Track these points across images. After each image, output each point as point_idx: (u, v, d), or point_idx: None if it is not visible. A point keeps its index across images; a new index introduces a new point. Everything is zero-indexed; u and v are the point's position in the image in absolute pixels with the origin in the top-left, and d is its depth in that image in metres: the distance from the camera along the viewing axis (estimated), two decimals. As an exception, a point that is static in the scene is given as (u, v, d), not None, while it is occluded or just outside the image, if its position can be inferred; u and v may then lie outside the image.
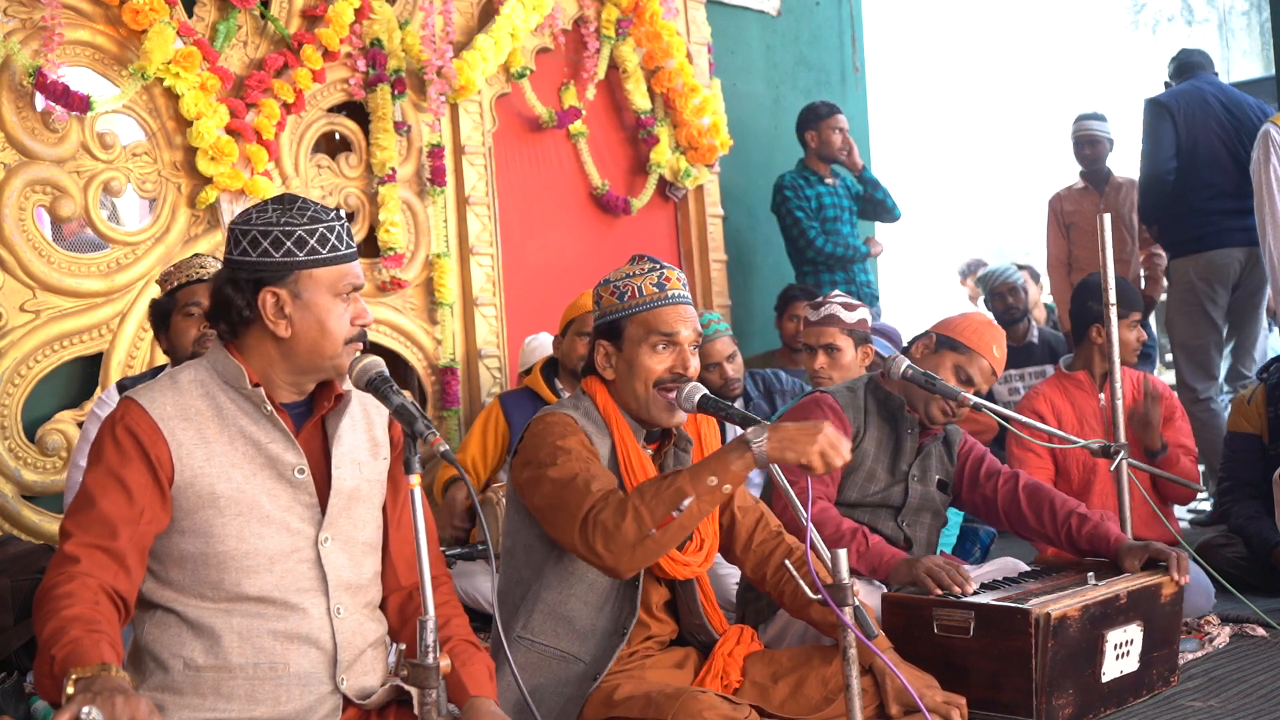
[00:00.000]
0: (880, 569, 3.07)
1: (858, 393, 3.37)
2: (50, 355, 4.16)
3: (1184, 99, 5.72)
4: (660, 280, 2.62)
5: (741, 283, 6.33)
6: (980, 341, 3.33)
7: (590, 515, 2.40)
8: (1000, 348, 3.37)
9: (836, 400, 3.31)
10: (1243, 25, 13.44)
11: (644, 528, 2.35)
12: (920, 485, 3.35)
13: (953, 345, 3.35)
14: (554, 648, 2.57)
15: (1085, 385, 4.33)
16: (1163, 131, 5.65)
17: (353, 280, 2.16)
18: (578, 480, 2.45)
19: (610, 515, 2.38)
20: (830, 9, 7.38)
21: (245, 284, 2.12)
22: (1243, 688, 3.07)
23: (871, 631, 2.29)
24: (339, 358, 2.16)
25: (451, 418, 5.12)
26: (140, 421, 2.07)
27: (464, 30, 5.30)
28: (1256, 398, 4.36)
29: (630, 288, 2.62)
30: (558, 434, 2.54)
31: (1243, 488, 4.32)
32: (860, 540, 3.11)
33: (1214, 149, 5.62)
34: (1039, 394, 4.36)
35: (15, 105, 4.11)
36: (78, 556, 1.97)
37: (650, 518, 2.36)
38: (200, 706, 2.06)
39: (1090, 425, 4.26)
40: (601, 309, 2.67)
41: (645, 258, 2.68)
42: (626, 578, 2.53)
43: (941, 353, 3.35)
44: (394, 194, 4.99)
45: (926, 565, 2.97)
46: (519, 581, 2.64)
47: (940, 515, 3.43)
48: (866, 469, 3.29)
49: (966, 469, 3.43)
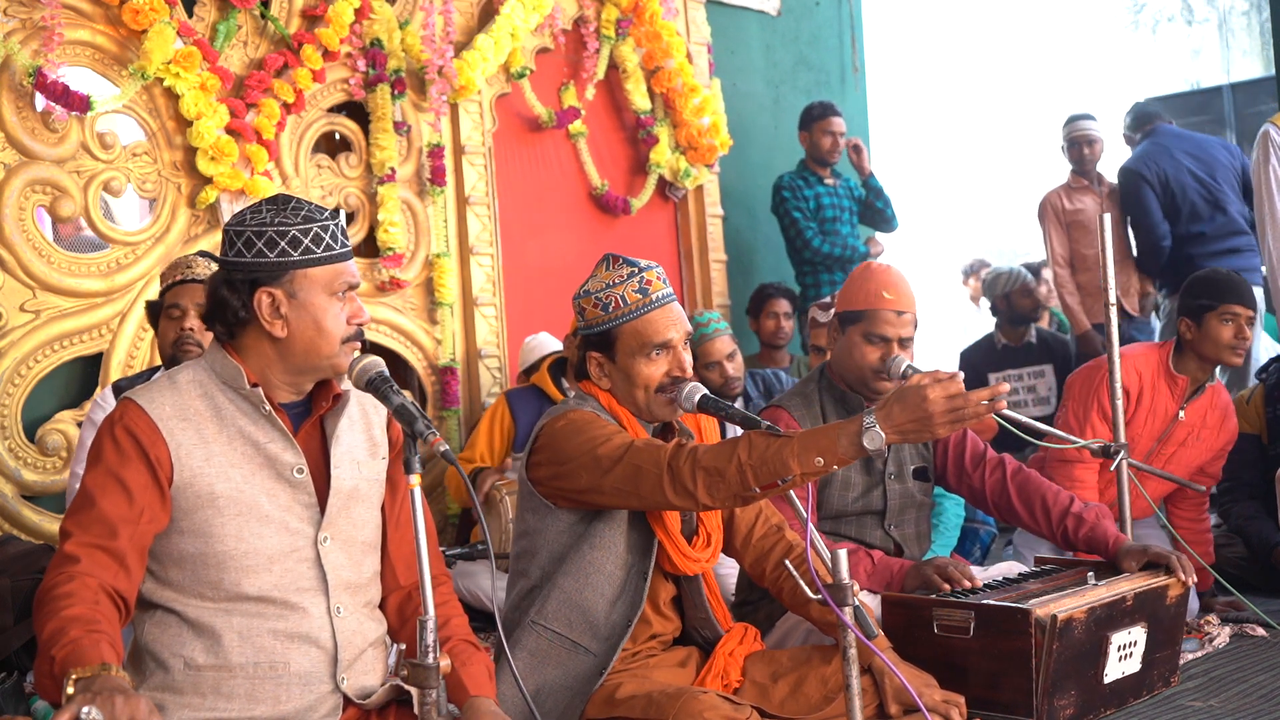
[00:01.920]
0: (894, 583, 3.07)
1: (811, 398, 3.27)
2: (50, 355, 4.16)
3: (1153, 160, 5.86)
4: (642, 285, 2.60)
5: (741, 283, 6.33)
6: (866, 297, 3.16)
7: (680, 462, 2.39)
8: (890, 286, 3.15)
9: (792, 414, 3.20)
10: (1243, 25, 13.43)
11: (748, 485, 2.35)
12: (898, 483, 3.29)
13: (849, 319, 3.19)
14: (566, 636, 2.58)
15: (1178, 387, 3.95)
16: (1147, 201, 5.81)
17: (348, 279, 2.16)
18: (636, 444, 2.46)
19: (713, 460, 2.36)
20: (830, 9, 7.38)
21: (240, 285, 2.12)
22: (1243, 688, 3.07)
23: (871, 631, 2.29)
24: (336, 357, 2.16)
25: (451, 418, 5.12)
26: (139, 422, 2.08)
27: (464, 30, 5.30)
28: (1255, 398, 4.35)
29: (613, 298, 2.60)
30: (589, 422, 2.54)
31: (1242, 488, 4.32)
32: (865, 560, 3.10)
33: (1192, 201, 5.78)
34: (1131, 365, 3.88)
35: (15, 105, 4.11)
36: (78, 556, 1.98)
37: (754, 478, 2.34)
38: (200, 706, 2.06)
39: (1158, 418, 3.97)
40: (587, 320, 2.65)
41: (620, 259, 2.65)
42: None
43: (846, 332, 3.20)
44: (394, 194, 4.98)
45: (935, 564, 3.00)
46: (535, 574, 2.65)
47: (925, 506, 3.38)
48: (841, 478, 3.21)
49: (950, 455, 3.36)
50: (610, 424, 2.56)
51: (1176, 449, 4.02)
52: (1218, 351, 3.90)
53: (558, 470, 2.56)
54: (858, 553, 3.11)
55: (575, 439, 2.53)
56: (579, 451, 2.51)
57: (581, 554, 2.59)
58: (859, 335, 3.16)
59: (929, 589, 2.97)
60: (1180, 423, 3.98)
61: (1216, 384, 4.06)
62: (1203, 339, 3.90)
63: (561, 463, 2.55)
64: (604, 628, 2.58)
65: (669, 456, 2.41)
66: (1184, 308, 3.96)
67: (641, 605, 2.58)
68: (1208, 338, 3.89)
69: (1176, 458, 4.02)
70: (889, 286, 3.16)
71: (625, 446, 2.46)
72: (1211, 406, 4.04)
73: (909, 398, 2.28)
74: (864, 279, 3.21)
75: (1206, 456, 4.07)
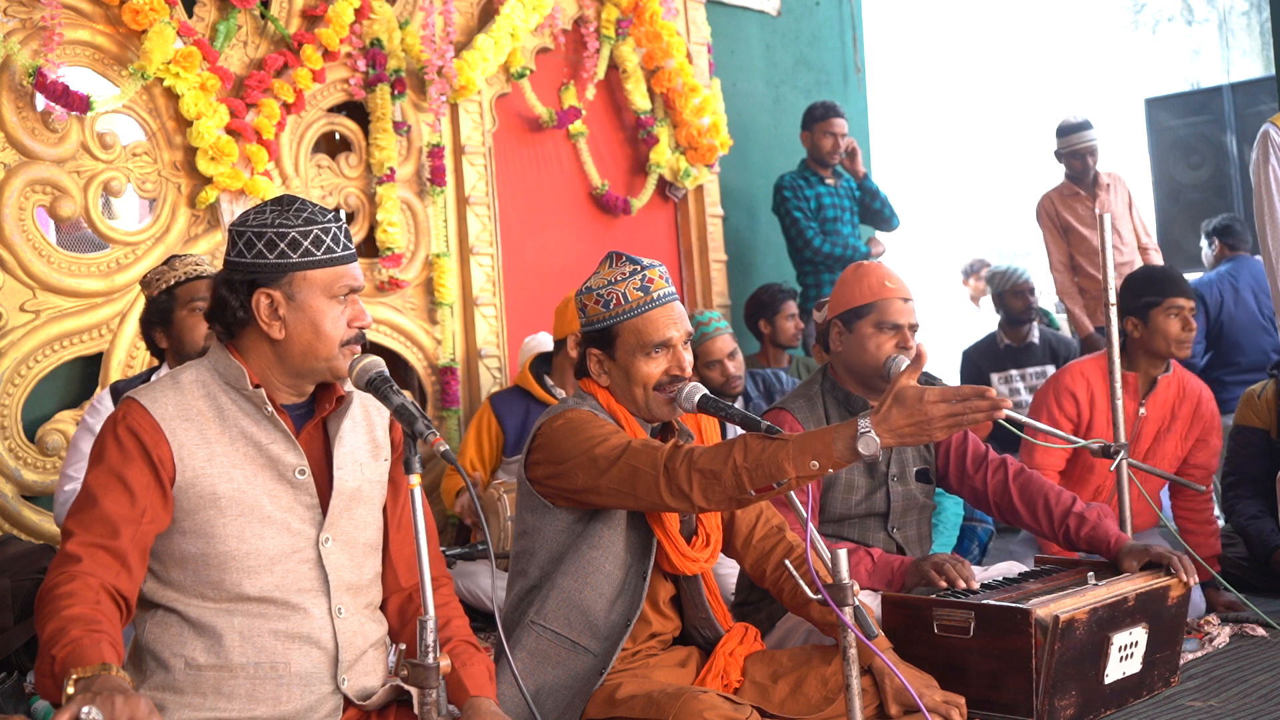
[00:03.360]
0: (894, 580, 3.07)
1: (815, 400, 3.27)
2: (50, 355, 4.16)
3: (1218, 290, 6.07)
4: (644, 282, 2.60)
5: (741, 283, 6.33)
6: (870, 290, 3.18)
7: (676, 464, 2.38)
8: (889, 276, 3.19)
9: (796, 416, 3.21)
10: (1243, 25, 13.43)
11: (743, 488, 2.34)
12: (901, 486, 3.29)
13: (857, 313, 3.19)
14: (566, 636, 2.58)
15: (1129, 386, 4.01)
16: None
17: (349, 282, 2.15)
18: (634, 444, 2.45)
19: (709, 463, 2.35)
20: (830, 9, 7.38)
21: (240, 285, 2.12)
22: (1243, 688, 3.07)
23: (871, 631, 2.29)
24: (334, 360, 2.15)
25: (451, 418, 5.12)
26: (142, 421, 2.08)
27: (464, 30, 5.30)
28: (1267, 393, 4.34)
29: (615, 295, 2.60)
30: (586, 421, 2.54)
31: (1247, 483, 4.30)
32: (865, 559, 3.10)
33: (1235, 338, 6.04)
34: (1079, 371, 4.07)
35: (15, 105, 4.11)
36: (79, 556, 1.98)
37: (749, 481, 2.33)
38: (201, 706, 2.06)
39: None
40: (588, 317, 2.65)
41: (623, 257, 2.65)
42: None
43: (855, 327, 3.20)
44: (393, 194, 4.98)
45: (933, 560, 3.02)
46: (535, 574, 2.65)
47: (926, 508, 3.39)
48: (844, 481, 3.22)
49: (952, 457, 3.37)
50: (608, 424, 2.56)
51: (1151, 444, 4.06)
52: (1167, 345, 3.98)
53: (555, 470, 2.55)
54: (858, 552, 3.11)
55: (573, 438, 2.53)
56: (576, 451, 2.51)
57: (580, 553, 2.59)
58: (870, 327, 3.17)
59: (927, 584, 2.97)
60: (1145, 419, 4.04)
61: (1172, 373, 4.09)
62: (1151, 334, 3.98)
63: (559, 462, 2.55)
64: (603, 627, 2.58)
65: (665, 458, 2.40)
66: (1128, 308, 4.03)
67: (641, 605, 2.58)
68: (1156, 333, 3.97)
69: (1156, 453, 4.05)
70: (888, 277, 3.21)
71: (622, 447, 2.46)
72: (1180, 398, 4.09)
73: (908, 401, 2.25)
74: (860, 275, 3.23)
75: (1189, 445, 4.11)
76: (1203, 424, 4.10)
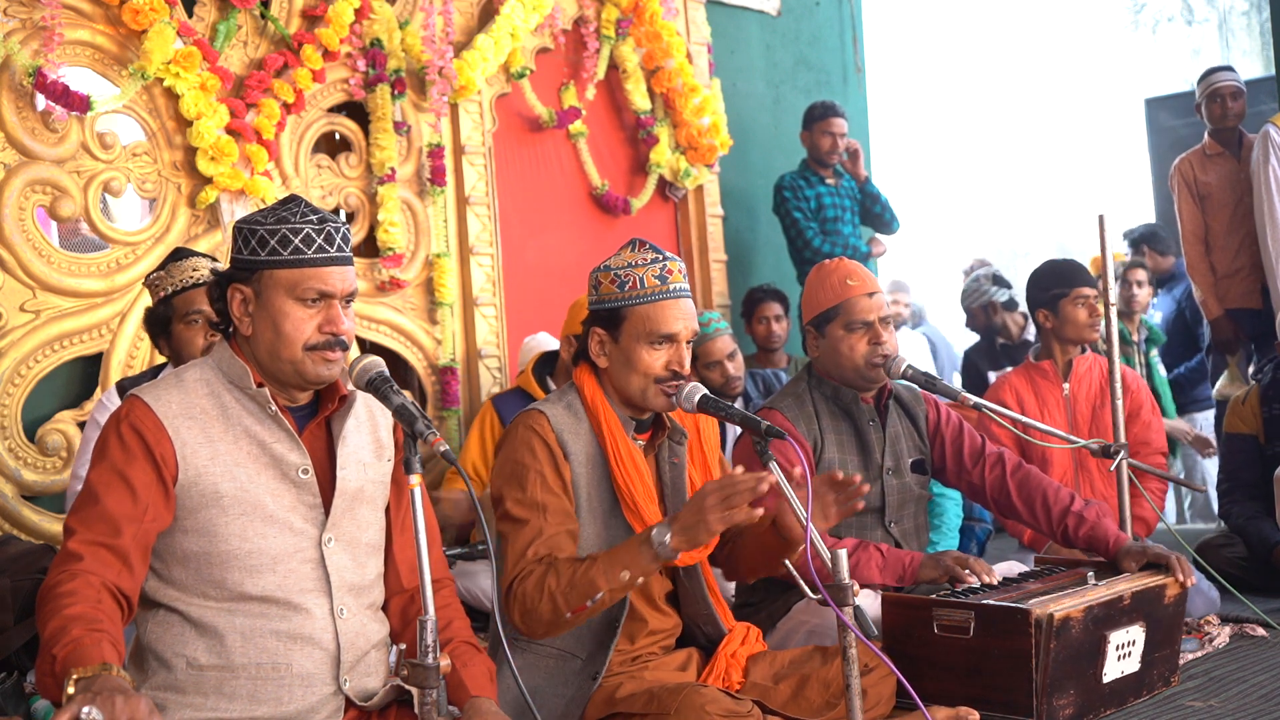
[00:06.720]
0: (907, 575, 3.07)
1: (804, 397, 3.27)
2: (50, 355, 4.16)
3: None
4: (663, 272, 2.60)
5: (741, 283, 6.32)
6: (833, 291, 3.19)
7: (515, 583, 2.46)
8: (852, 273, 3.20)
9: (785, 415, 3.20)
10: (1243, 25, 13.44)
11: (559, 612, 2.41)
12: (896, 478, 3.29)
13: (825, 317, 3.20)
14: (550, 645, 2.57)
15: (1049, 374, 4.30)
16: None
17: (316, 285, 2.12)
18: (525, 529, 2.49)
19: (531, 590, 2.43)
20: (830, 9, 7.38)
21: (223, 280, 2.16)
22: (1243, 688, 3.07)
23: (871, 632, 2.29)
24: (300, 363, 2.13)
25: (451, 418, 5.12)
26: (145, 420, 2.08)
27: (464, 30, 5.30)
28: (1251, 398, 4.36)
29: (632, 277, 2.59)
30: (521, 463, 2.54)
31: (1242, 489, 4.33)
32: (875, 555, 3.10)
33: None
34: (1005, 383, 4.34)
35: (15, 105, 4.11)
36: (81, 554, 1.98)
37: (565, 604, 2.40)
38: (203, 706, 2.07)
39: (1052, 414, 4.23)
40: (600, 295, 2.64)
41: (647, 245, 2.65)
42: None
43: (826, 330, 3.21)
44: (393, 194, 4.98)
45: (953, 555, 3.04)
46: None
47: (922, 500, 3.38)
48: None
49: (948, 450, 3.37)
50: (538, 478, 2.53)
51: (1091, 423, 4.22)
52: (1079, 332, 4.25)
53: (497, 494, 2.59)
54: (867, 547, 3.11)
55: (504, 470, 2.57)
56: (500, 479, 2.57)
57: None
58: (840, 329, 3.19)
59: (948, 579, 3.00)
60: (1072, 397, 4.24)
61: (1089, 355, 4.32)
62: (1062, 324, 4.27)
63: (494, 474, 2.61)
64: (586, 630, 2.57)
65: (516, 572, 2.46)
66: (1037, 300, 4.30)
67: (625, 606, 2.57)
68: (1067, 322, 4.25)
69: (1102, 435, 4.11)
70: (851, 274, 3.21)
71: (516, 523, 2.50)
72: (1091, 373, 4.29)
73: (694, 499, 2.38)
74: (823, 277, 3.25)
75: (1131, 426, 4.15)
76: (1130, 396, 4.19)
